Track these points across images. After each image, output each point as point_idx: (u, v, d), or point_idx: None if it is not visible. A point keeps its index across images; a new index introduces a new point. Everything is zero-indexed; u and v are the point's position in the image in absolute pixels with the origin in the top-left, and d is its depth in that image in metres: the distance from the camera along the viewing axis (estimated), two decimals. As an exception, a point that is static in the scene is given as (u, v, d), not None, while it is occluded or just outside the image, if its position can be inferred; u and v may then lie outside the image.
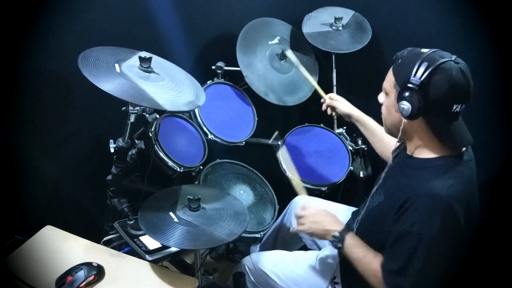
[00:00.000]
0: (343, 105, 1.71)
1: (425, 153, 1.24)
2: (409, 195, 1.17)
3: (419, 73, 1.13)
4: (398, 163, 1.36)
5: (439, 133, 1.21)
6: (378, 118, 1.36)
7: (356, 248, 1.30)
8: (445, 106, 1.15)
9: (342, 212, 1.66)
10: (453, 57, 1.16)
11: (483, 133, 1.66)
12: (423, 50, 1.18)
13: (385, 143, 1.59)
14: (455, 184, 1.15)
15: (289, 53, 2.05)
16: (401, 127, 1.22)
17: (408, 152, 1.30)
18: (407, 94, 1.16)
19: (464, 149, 1.25)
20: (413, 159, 1.27)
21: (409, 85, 1.15)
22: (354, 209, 1.61)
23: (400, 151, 1.38)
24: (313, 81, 1.93)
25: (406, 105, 1.17)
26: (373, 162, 2.04)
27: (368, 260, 1.27)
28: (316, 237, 1.40)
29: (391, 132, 1.31)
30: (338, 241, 1.32)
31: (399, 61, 1.21)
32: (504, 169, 1.84)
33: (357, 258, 1.29)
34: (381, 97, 1.31)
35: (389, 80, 1.24)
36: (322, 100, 1.78)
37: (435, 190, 1.15)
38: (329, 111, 1.76)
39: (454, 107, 1.15)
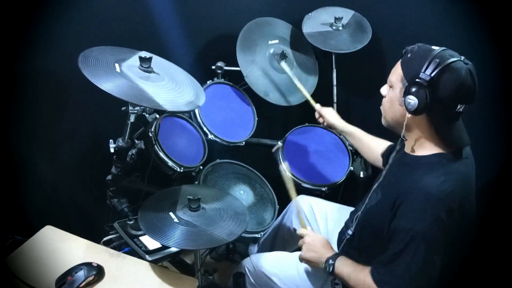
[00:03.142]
0: (330, 116, 1.76)
1: (422, 150, 1.24)
2: (402, 192, 1.18)
3: (429, 69, 1.14)
4: (397, 162, 1.36)
5: (439, 131, 1.21)
6: (378, 118, 1.36)
7: (346, 266, 1.32)
8: (450, 105, 1.16)
9: (342, 213, 1.66)
10: (462, 57, 1.16)
11: (483, 133, 1.66)
12: (434, 47, 1.18)
13: (371, 148, 1.62)
14: (447, 181, 1.15)
15: (283, 64, 2.04)
16: (404, 122, 1.22)
17: (406, 150, 1.30)
18: (414, 89, 1.16)
19: None
20: (410, 157, 1.27)
21: (418, 80, 1.15)
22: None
23: (400, 149, 1.39)
24: (304, 91, 1.96)
25: (412, 100, 1.16)
26: (373, 163, 2.04)
27: (359, 271, 1.27)
28: (312, 265, 1.44)
29: (390, 125, 1.31)
30: (329, 265, 1.33)
31: (409, 55, 1.21)
32: (503, 169, 1.83)
33: (347, 274, 1.29)
34: (384, 90, 1.31)
35: (396, 73, 1.24)
36: (316, 116, 1.83)
37: (426, 186, 1.15)
38: (317, 115, 1.82)
39: (458, 107, 1.16)
